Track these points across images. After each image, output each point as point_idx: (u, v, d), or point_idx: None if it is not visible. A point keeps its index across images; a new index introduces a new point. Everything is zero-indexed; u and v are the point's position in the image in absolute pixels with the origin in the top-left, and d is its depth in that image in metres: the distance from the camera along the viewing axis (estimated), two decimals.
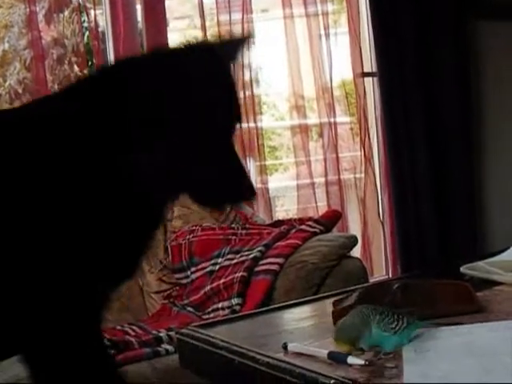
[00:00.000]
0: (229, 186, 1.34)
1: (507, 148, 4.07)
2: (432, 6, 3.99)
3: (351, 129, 4.10)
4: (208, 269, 2.81)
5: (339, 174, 3.90)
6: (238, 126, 1.38)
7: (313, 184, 3.84)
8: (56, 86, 3.42)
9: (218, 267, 2.78)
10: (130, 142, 1.28)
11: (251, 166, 3.66)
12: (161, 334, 2.42)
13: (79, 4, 3.42)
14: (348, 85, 4.08)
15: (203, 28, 3.58)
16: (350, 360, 1.33)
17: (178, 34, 4.79)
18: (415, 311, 1.44)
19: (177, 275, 2.92)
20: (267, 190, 3.72)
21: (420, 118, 3.97)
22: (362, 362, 1.32)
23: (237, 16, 3.65)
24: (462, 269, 1.93)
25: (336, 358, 1.36)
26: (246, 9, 3.66)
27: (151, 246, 1.43)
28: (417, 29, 3.96)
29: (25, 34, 3.43)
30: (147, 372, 2.22)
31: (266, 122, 4.03)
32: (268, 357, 1.39)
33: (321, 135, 3.95)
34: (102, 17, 3.47)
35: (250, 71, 3.68)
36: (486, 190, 4.16)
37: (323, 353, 1.38)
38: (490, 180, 4.16)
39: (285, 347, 1.44)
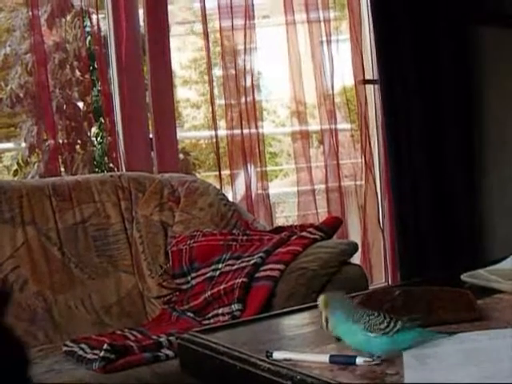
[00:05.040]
0: None
1: (509, 156, 4.07)
2: (433, 13, 4.00)
3: (352, 136, 4.11)
4: (208, 274, 2.81)
5: (340, 181, 3.90)
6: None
7: (313, 190, 3.85)
8: (57, 91, 3.43)
9: (218, 273, 2.78)
10: None
11: (252, 172, 3.66)
12: (161, 339, 2.41)
13: (82, 9, 3.43)
14: (349, 92, 4.09)
15: (205, 33, 3.59)
16: (359, 360, 1.34)
17: (180, 39, 4.81)
18: (417, 318, 1.44)
19: (177, 280, 2.92)
20: (268, 196, 3.72)
21: (421, 125, 3.97)
22: (372, 359, 1.33)
23: (239, 22, 3.65)
24: (462, 276, 1.94)
25: (341, 361, 1.36)
26: (248, 15, 3.67)
27: None
28: (418, 36, 3.97)
29: (27, 38, 3.44)
30: (147, 377, 2.21)
31: (266, 128, 4.03)
32: (269, 363, 1.39)
33: (321, 142, 3.96)
34: (104, 21, 3.48)
35: (252, 77, 3.69)
36: (487, 197, 4.17)
37: (324, 357, 1.38)
38: (490, 188, 4.16)
39: (269, 355, 1.42)
